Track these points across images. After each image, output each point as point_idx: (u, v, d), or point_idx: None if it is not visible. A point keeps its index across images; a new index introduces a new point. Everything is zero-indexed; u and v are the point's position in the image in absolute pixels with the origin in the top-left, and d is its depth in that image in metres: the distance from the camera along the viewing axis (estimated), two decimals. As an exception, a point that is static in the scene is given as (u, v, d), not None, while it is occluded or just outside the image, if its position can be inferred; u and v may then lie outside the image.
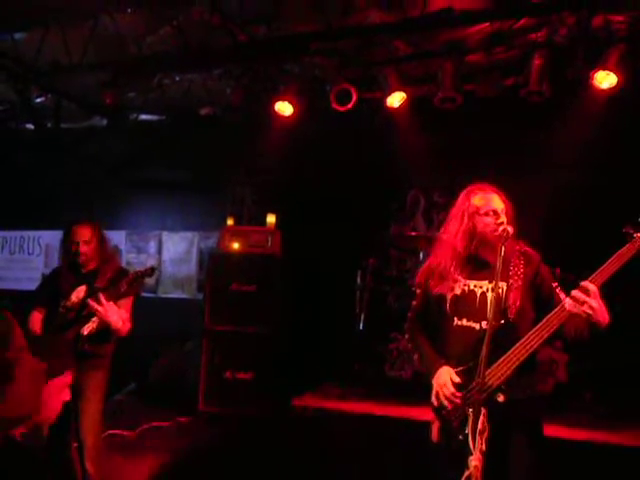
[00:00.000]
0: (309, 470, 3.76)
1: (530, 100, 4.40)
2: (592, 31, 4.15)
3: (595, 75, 4.11)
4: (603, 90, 4.14)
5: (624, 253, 2.00)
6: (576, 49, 4.26)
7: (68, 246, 3.17)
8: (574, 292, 1.98)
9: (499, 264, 2.08)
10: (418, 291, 2.54)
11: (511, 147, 4.95)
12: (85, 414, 2.98)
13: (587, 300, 1.95)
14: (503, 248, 2.11)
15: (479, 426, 1.95)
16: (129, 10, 4.46)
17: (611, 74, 4.05)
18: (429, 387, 2.33)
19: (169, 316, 6.01)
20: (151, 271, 3.11)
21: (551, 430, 2.54)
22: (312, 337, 5.19)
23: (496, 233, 2.18)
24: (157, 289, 6.58)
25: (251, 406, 4.78)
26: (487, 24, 4.11)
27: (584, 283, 1.98)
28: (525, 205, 2.37)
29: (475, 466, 1.87)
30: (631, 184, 4.34)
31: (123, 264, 5.75)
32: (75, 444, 2.97)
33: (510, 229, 2.16)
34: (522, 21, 4.13)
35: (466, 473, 1.91)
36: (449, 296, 2.28)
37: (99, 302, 2.86)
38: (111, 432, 4.25)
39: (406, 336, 2.53)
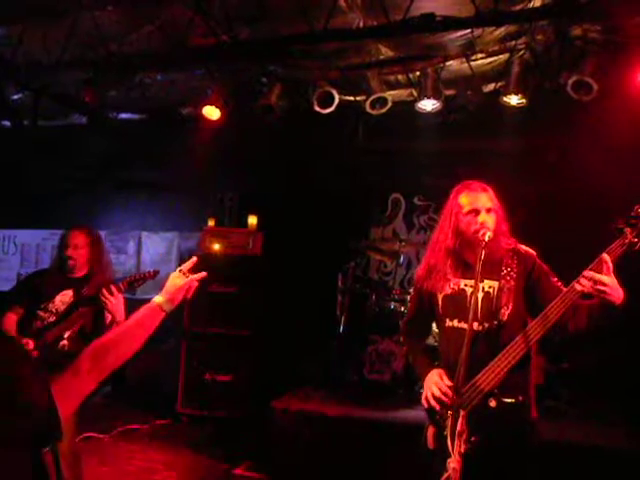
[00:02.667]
0: (290, 472, 3.76)
1: (509, 106, 4.48)
2: (570, 39, 4.24)
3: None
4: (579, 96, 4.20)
5: (613, 249, 1.93)
6: (554, 57, 4.34)
7: (59, 251, 3.13)
8: (586, 272, 1.90)
9: (478, 266, 2.03)
10: (413, 294, 2.52)
11: (492, 153, 5.01)
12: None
13: (601, 278, 1.85)
14: (483, 251, 2.05)
15: (458, 428, 1.92)
16: (109, 7, 4.41)
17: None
18: (409, 390, 2.33)
19: (148, 317, 5.93)
20: (154, 274, 3.10)
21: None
22: (292, 339, 5.18)
23: (476, 234, 2.12)
24: (136, 290, 6.49)
25: (230, 408, 4.75)
26: (468, 30, 4.16)
27: (603, 256, 1.88)
28: (510, 209, 2.30)
29: (453, 468, 1.84)
30: (614, 189, 4.38)
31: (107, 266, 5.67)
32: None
33: (489, 233, 2.09)
34: (502, 28, 4.19)
35: (445, 475, 1.89)
36: (441, 296, 2.25)
37: (111, 293, 2.87)
38: (86, 435, 4.19)
39: (401, 339, 2.51)
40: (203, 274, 1.78)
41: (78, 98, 5.18)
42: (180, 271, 1.76)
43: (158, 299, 1.67)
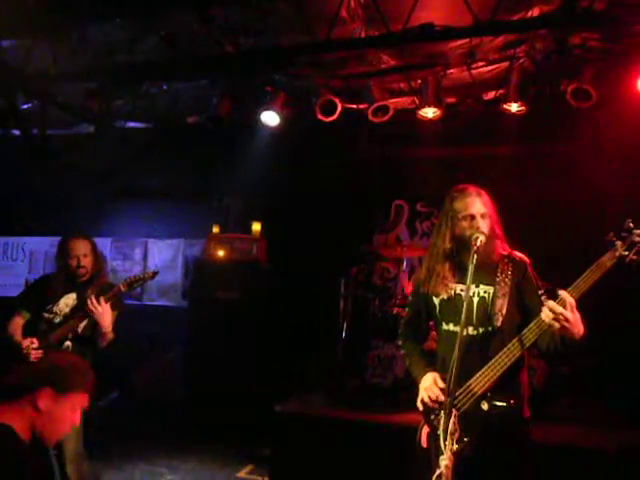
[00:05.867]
0: (293, 476, 3.79)
1: (510, 113, 4.52)
2: (569, 48, 4.29)
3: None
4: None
5: (604, 262, 1.94)
6: (553, 65, 4.39)
7: (67, 260, 3.20)
8: (550, 303, 1.92)
9: (470, 273, 2.06)
10: (412, 297, 2.56)
11: (492, 159, 5.06)
12: None
13: (562, 312, 1.88)
14: (475, 256, 2.08)
15: (450, 427, 1.97)
16: (117, 20, 4.52)
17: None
18: (409, 395, 2.36)
19: (154, 324, 6.01)
20: (153, 275, 3.24)
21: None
22: (295, 344, 5.22)
23: (470, 239, 2.15)
24: (142, 296, 6.57)
25: (234, 413, 4.79)
26: (467, 40, 4.21)
27: (562, 294, 1.93)
28: (507, 216, 2.33)
29: (446, 465, 1.89)
30: (612, 195, 4.42)
31: (108, 270, 5.75)
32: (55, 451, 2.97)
33: (482, 238, 2.12)
34: (501, 37, 4.24)
35: (437, 472, 1.93)
36: (438, 300, 2.29)
37: (97, 302, 2.99)
38: (92, 438, 4.23)
39: (399, 342, 2.54)
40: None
41: (85, 107, 5.28)
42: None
43: None
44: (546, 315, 1.93)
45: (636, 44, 4.06)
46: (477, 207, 2.22)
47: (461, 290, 2.23)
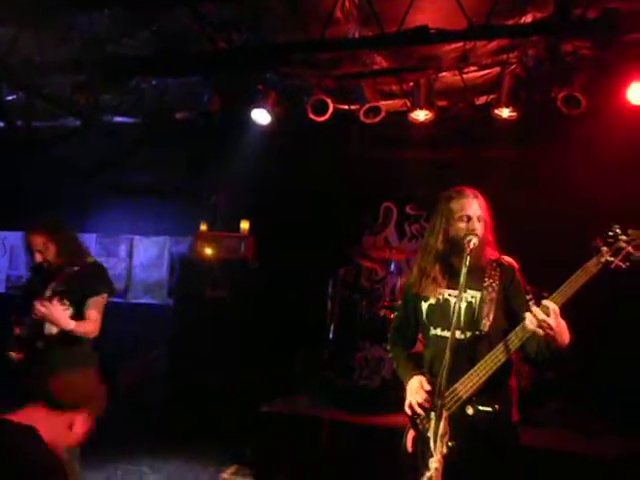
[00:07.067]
0: (278, 476, 3.76)
1: (501, 118, 4.54)
2: (561, 55, 4.33)
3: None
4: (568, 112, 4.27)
5: (589, 267, 1.94)
6: (545, 71, 4.42)
7: (31, 256, 3.06)
8: (534, 309, 1.92)
9: (463, 274, 2.06)
10: (401, 300, 2.54)
11: (483, 163, 5.08)
12: None
13: (546, 319, 1.88)
14: (468, 258, 2.08)
15: (440, 429, 1.97)
16: (106, 11, 4.43)
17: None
18: (397, 397, 2.36)
19: (138, 322, 5.93)
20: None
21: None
22: (282, 344, 5.20)
23: (463, 241, 2.14)
24: (127, 294, 6.48)
25: (218, 412, 4.74)
26: (461, 43, 4.23)
27: (545, 301, 1.92)
28: (496, 220, 2.31)
29: (436, 468, 1.89)
30: (602, 200, 4.45)
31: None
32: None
33: (475, 240, 2.11)
34: (494, 42, 4.26)
35: (427, 474, 1.92)
36: (425, 305, 2.28)
37: (42, 303, 2.77)
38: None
39: (387, 347, 2.54)
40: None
41: (72, 100, 5.18)
42: None
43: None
44: (530, 322, 1.93)
45: (626, 54, 4.11)
46: (474, 209, 2.21)
47: (449, 295, 2.23)
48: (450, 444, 1.96)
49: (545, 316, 1.89)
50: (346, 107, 5.20)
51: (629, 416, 3.82)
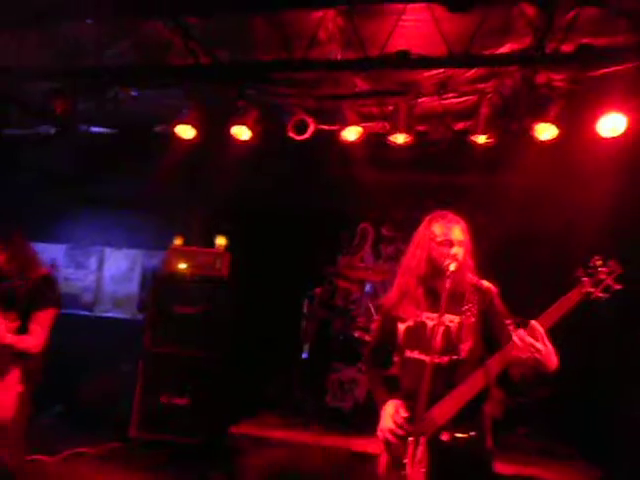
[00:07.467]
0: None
1: (477, 145, 4.64)
2: (535, 86, 4.46)
3: (535, 126, 4.38)
4: (543, 141, 4.40)
5: (570, 297, 1.97)
6: (521, 101, 4.54)
7: None
8: (520, 332, 1.92)
9: (443, 299, 2.07)
10: (378, 321, 2.53)
11: (459, 188, 5.16)
12: None
13: (533, 342, 1.88)
14: (448, 281, 2.09)
15: (418, 455, 1.95)
16: (88, 21, 4.39)
17: (552, 126, 4.33)
18: (370, 419, 2.33)
19: (106, 336, 5.76)
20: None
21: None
22: (255, 364, 5.11)
23: (442, 265, 2.15)
24: (94, 307, 6.31)
25: (187, 433, 4.62)
26: (441, 70, 4.32)
27: (533, 324, 1.92)
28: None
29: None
30: (577, 227, 4.55)
31: (60, 280, 5.51)
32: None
33: (455, 265, 2.13)
34: (472, 71, 4.37)
35: None
36: (403, 327, 2.26)
37: None
38: (31, 457, 3.98)
39: (363, 368, 2.52)
40: None
41: (47, 108, 5.07)
42: None
43: None
44: (517, 346, 1.92)
45: (597, 88, 4.25)
46: (456, 234, 2.22)
47: (426, 318, 2.22)
48: (425, 470, 1.94)
49: (532, 339, 1.89)
50: (326, 127, 5.23)
51: (599, 441, 3.86)
